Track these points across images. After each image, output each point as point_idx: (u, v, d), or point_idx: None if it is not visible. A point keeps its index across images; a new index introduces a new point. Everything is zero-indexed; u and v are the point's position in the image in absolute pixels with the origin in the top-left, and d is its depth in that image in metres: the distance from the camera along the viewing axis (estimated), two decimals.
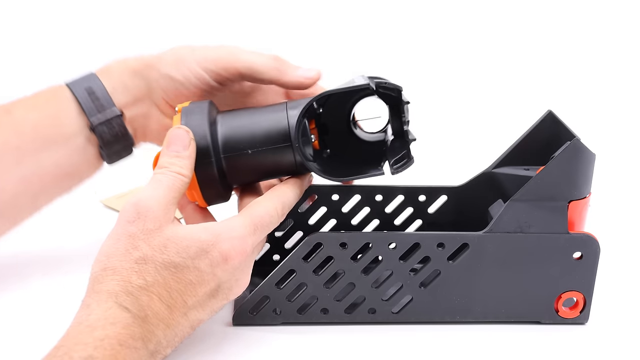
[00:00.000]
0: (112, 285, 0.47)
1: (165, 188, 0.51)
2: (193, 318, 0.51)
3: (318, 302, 0.58)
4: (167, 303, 0.48)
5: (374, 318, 0.59)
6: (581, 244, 0.57)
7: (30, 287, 0.65)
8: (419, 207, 0.67)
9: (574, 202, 0.56)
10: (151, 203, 0.50)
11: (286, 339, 0.57)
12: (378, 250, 0.57)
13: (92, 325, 0.45)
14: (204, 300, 0.51)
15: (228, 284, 0.52)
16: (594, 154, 0.56)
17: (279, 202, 0.54)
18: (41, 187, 0.62)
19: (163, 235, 0.49)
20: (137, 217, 0.49)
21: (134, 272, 0.48)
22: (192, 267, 0.49)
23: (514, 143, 0.64)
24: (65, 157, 0.61)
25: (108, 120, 0.61)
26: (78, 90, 0.61)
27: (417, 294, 0.58)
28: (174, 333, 0.49)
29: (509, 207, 0.56)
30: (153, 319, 0.47)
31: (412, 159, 0.56)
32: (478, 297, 0.58)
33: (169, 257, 0.49)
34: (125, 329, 0.45)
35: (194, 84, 0.61)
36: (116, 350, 0.44)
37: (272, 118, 0.56)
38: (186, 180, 0.52)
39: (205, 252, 0.50)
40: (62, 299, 0.63)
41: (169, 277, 0.49)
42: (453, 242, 0.57)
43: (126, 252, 0.49)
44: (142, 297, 0.47)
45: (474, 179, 0.66)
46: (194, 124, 0.55)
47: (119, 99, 0.62)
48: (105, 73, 0.63)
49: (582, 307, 0.59)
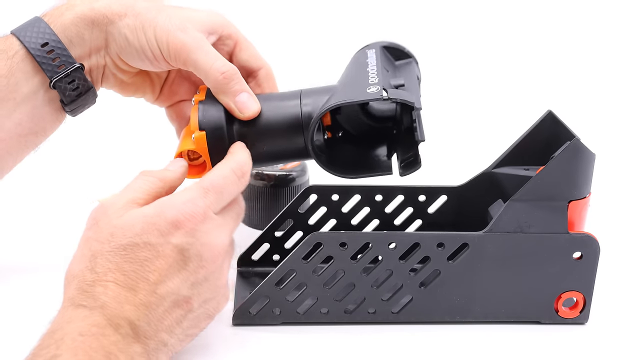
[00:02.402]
0: (72, 290, 0.48)
1: (131, 190, 0.51)
2: (169, 294, 0.48)
3: (318, 302, 0.58)
4: (127, 285, 0.47)
5: (374, 318, 0.59)
6: (581, 244, 0.57)
7: (29, 288, 0.64)
8: (419, 207, 0.67)
9: (574, 202, 0.56)
10: (108, 206, 0.50)
11: (286, 339, 0.57)
12: (378, 250, 0.57)
13: (52, 330, 0.45)
14: (172, 272, 0.49)
15: (194, 251, 0.49)
16: (594, 154, 0.56)
17: (232, 163, 0.54)
18: (5, 148, 0.60)
19: (110, 225, 0.49)
20: (94, 223, 0.50)
21: (87, 271, 0.48)
22: (142, 243, 0.48)
23: (514, 143, 0.64)
24: (26, 115, 0.59)
25: (67, 74, 0.59)
26: (31, 44, 0.58)
27: (417, 294, 0.58)
28: (153, 315, 0.48)
29: (509, 207, 0.56)
30: (112, 303, 0.46)
31: (419, 163, 0.56)
32: (478, 297, 0.58)
33: (116, 243, 0.48)
34: (83, 321, 0.45)
35: (147, 55, 0.59)
36: (78, 341, 0.44)
37: (286, 112, 0.57)
38: (159, 183, 0.52)
39: (151, 224, 0.48)
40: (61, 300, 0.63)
41: (121, 260, 0.48)
42: (453, 242, 0.57)
43: (82, 256, 0.49)
44: (96, 289, 0.47)
45: (474, 179, 0.66)
46: (211, 122, 0.56)
47: (75, 51, 0.59)
48: (57, 22, 0.59)
49: (582, 307, 0.59)
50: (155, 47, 0.58)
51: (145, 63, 0.60)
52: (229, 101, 0.57)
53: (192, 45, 0.58)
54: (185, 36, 0.58)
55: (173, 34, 0.58)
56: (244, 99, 0.57)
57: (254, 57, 0.63)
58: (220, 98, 0.57)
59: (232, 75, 0.57)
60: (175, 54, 0.58)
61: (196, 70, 0.58)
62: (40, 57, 0.58)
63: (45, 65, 0.58)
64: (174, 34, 0.58)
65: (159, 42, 0.58)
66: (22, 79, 0.59)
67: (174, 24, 0.58)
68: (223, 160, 0.55)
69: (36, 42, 0.58)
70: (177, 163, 0.56)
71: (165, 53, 0.58)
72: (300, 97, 0.57)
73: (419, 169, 0.56)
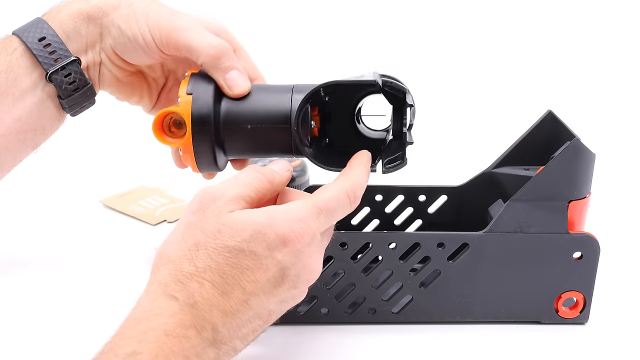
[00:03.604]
0: (164, 275, 0.46)
1: (241, 184, 0.49)
2: (257, 307, 0.47)
3: (318, 302, 0.58)
4: (222, 289, 0.46)
5: (374, 318, 0.59)
6: (581, 244, 0.57)
7: (30, 287, 0.65)
8: (419, 207, 0.67)
9: (574, 202, 0.56)
10: (217, 194, 0.48)
11: (287, 339, 0.57)
12: (378, 250, 0.57)
13: (137, 319, 0.44)
14: (268, 287, 0.47)
15: (294, 271, 0.48)
16: (594, 154, 0.56)
17: (347, 184, 0.51)
18: (4, 144, 0.60)
19: (219, 220, 0.47)
20: (200, 208, 0.48)
21: (186, 260, 0.46)
22: (248, 250, 0.46)
23: (514, 143, 0.64)
24: (25, 111, 0.59)
25: (64, 67, 0.59)
26: (29, 40, 0.59)
27: (417, 294, 0.58)
28: (235, 322, 0.46)
29: (509, 207, 0.56)
30: (204, 305, 0.45)
31: (405, 161, 0.56)
32: (478, 297, 0.58)
33: (222, 242, 0.46)
34: (171, 317, 0.44)
35: (140, 43, 0.59)
36: (162, 341, 0.42)
37: (276, 98, 0.56)
38: (267, 185, 0.50)
39: (261, 235, 0.46)
40: (61, 299, 0.63)
41: (223, 262, 0.46)
42: (453, 242, 0.57)
43: (182, 241, 0.47)
44: (192, 284, 0.45)
45: (474, 179, 0.66)
46: (199, 91, 0.55)
47: (72, 46, 0.60)
48: (55, 18, 0.60)
49: (582, 307, 0.59)
50: (147, 34, 0.59)
51: (138, 53, 0.60)
52: (219, 77, 0.57)
53: (184, 26, 0.58)
54: (177, 19, 0.59)
55: (165, 18, 0.58)
56: (234, 76, 0.57)
57: (250, 67, 0.62)
58: (212, 73, 0.57)
59: (224, 50, 0.57)
60: (167, 36, 0.58)
61: (188, 50, 0.58)
62: (37, 51, 0.59)
63: (42, 58, 0.59)
64: (165, 17, 0.58)
65: (151, 28, 0.58)
66: (21, 74, 0.59)
67: (167, 10, 0.59)
68: (340, 178, 0.52)
69: (34, 37, 0.59)
70: (284, 166, 0.53)
71: (157, 38, 0.58)
72: (293, 88, 0.57)
73: (404, 166, 0.55)
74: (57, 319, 0.60)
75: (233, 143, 0.56)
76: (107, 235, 0.75)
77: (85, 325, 0.59)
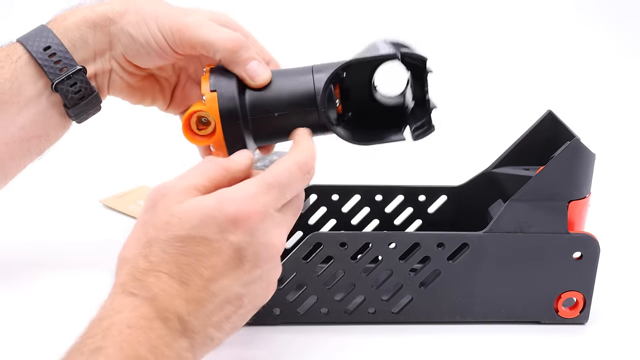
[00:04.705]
0: (123, 275, 0.46)
1: (193, 175, 0.49)
2: (221, 292, 0.47)
3: (318, 302, 0.58)
4: (180, 278, 0.46)
5: (374, 318, 0.59)
6: (581, 244, 0.57)
7: (30, 287, 0.65)
8: (419, 207, 0.67)
9: (574, 202, 0.56)
10: (167, 189, 0.48)
11: (286, 339, 0.57)
12: (378, 250, 0.57)
13: (100, 318, 0.44)
14: (226, 270, 0.47)
15: (252, 250, 0.47)
16: (594, 154, 0.56)
17: (297, 157, 0.51)
18: (8, 152, 0.60)
19: (168, 212, 0.47)
20: (151, 205, 0.48)
21: (140, 257, 0.46)
22: (199, 237, 0.46)
23: (514, 143, 0.64)
24: (30, 120, 0.59)
25: (69, 76, 0.59)
26: (34, 49, 0.59)
27: (417, 294, 0.58)
28: (203, 311, 0.46)
29: (509, 207, 0.56)
30: (163, 296, 0.45)
31: (432, 126, 0.56)
32: (478, 297, 0.58)
33: (172, 233, 0.46)
34: (132, 312, 0.44)
35: (153, 47, 0.59)
36: (126, 333, 0.42)
37: (298, 81, 0.56)
38: (222, 172, 0.50)
39: (210, 218, 0.46)
40: (61, 299, 0.63)
41: (176, 252, 0.46)
42: (453, 242, 0.57)
43: (136, 240, 0.47)
44: (149, 279, 0.45)
45: (474, 179, 0.66)
46: (222, 86, 0.55)
47: (79, 55, 0.60)
48: (60, 26, 0.60)
49: (582, 307, 0.59)
50: (160, 37, 0.58)
51: (152, 57, 0.60)
52: (240, 70, 0.56)
53: (196, 24, 0.58)
54: (187, 18, 0.58)
55: (175, 18, 0.58)
56: (255, 66, 0.56)
57: (261, 51, 0.62)
58: (232, 68, 0.57)
59: (241, 43, 0.57)
60: (180, 36, 0.58)
61: (204, 46, 0.58)
62: (42, 60, 0.58)
63: (48, 67, 0.58)
64: (175, 18, 0.58)
65: (162, 30, 0.58)
66: (26, 83, 0.59)
67: (175, 10, 0.59)
68: (289, 152, 0.52)
69: (39, 46, 0.59)
70: (244, 154, 0.52)
71: (170, 39, 0.58)
72: (312, 70, 0.57)
73: (433, 132, 0.56)
74: (57, 319, 0.60)
75: (262, 132, 0.56)
76: (107, 235, 0.75)
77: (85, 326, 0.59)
